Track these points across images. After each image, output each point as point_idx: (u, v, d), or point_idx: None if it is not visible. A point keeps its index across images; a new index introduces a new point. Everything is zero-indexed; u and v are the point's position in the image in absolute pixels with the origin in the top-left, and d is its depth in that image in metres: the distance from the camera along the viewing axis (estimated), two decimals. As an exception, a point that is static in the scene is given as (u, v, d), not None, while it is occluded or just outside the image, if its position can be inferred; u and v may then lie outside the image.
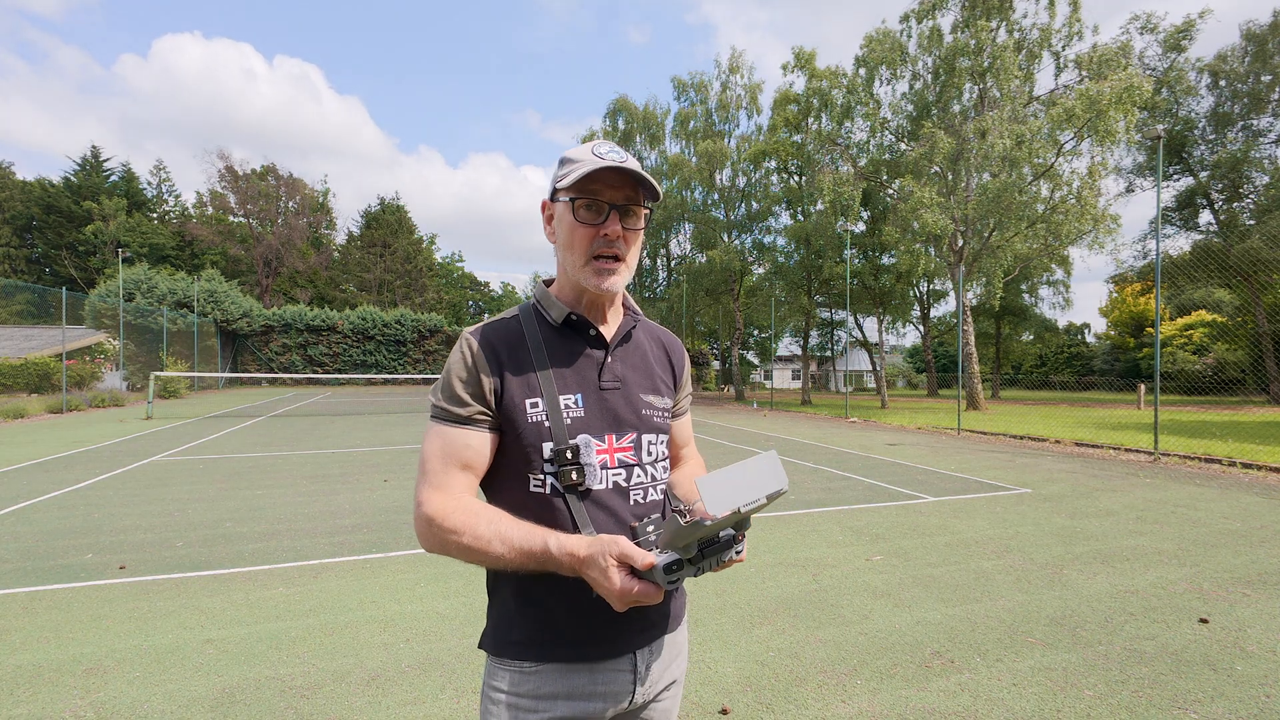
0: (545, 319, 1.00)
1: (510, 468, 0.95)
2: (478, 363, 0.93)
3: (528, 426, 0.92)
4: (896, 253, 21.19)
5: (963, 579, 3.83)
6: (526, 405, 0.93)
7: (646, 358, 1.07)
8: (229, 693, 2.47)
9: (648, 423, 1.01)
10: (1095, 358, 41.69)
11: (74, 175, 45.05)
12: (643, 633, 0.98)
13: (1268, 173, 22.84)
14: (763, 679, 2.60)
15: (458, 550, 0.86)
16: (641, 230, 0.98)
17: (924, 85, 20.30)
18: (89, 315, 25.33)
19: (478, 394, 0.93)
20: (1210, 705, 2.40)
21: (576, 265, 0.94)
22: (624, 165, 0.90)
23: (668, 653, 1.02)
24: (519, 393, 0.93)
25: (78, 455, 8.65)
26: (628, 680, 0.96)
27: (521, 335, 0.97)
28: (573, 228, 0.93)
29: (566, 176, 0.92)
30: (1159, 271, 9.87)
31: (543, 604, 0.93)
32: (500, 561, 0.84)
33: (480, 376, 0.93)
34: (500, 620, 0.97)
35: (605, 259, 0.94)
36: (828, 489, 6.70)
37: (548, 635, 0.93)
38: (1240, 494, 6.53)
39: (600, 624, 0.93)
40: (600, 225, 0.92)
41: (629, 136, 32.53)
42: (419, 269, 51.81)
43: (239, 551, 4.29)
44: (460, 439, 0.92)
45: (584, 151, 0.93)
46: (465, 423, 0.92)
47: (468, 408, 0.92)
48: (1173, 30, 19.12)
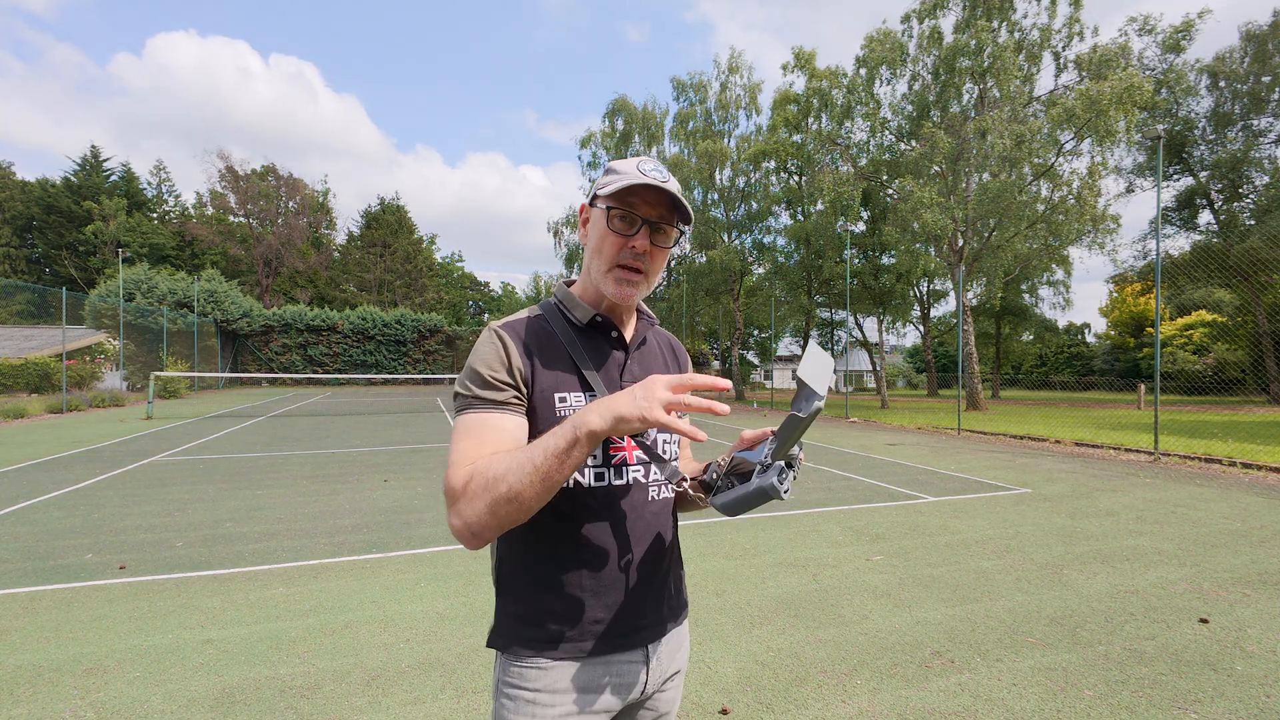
0: (569, 319, 1.02)
1: None
2: (510, 351, 0.94)
3: (557, 420, 0.92)
4: (896, 253, 21.19)
5: (963, 579, 3.83)
6: (556, 399, 0.94)
7: (660, 360, 1.12)
8: (229, 693, 2.47)
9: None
10: (1095, 358, 41.68)
11: (74, 175, 45.05)
12: (655, 626, 1.01)
13: (1268, 173, 22.84)
14: (763, 679, 2.60)
15: (495, 489, 0.80)
16: (669, 250, 1.01)
17: (924, 85, 20.31)
18: (89, 315, 25.34)
19: (510, 380, 0.93)
20: (1210, 705, 2.40)
21: (601, 271, 0.97)
22: (664, 186, 0.92)
23: (674, 643, 1.06)
24: (549, 386, 0.95)
25: (78, 455, 8.65)
26: (640, 672, 0.99)
27: (550, 332, 1.00)
28: (604, 235, 0.96)
29: (608, 185, 0.94)
30: (1159, 271, 9.87)
31: (558, 597, 0.94)
32: (531, 464, 0.79)
33: (513, 364, 0.93)
34: (512, 616, 0.97)
35: (628, 270, 0.96)
36: (828, 489, 6.70)
37: (563, 630, 0.94)
38: (1240, 494, 6.53)
39: (617, 617, 0.96)
40: (631, 237, 0.95)
41: (628, 137, 32.51)
42: (419, 269, 51.84)
43: (239, 551, 4.29)
44: (496, 423, 0.90)
45: (630, 165, 0.96)
46: (500, 406, 0.92)
47: (502, 392, 0.92)
48: (1172, 31, 19.13)
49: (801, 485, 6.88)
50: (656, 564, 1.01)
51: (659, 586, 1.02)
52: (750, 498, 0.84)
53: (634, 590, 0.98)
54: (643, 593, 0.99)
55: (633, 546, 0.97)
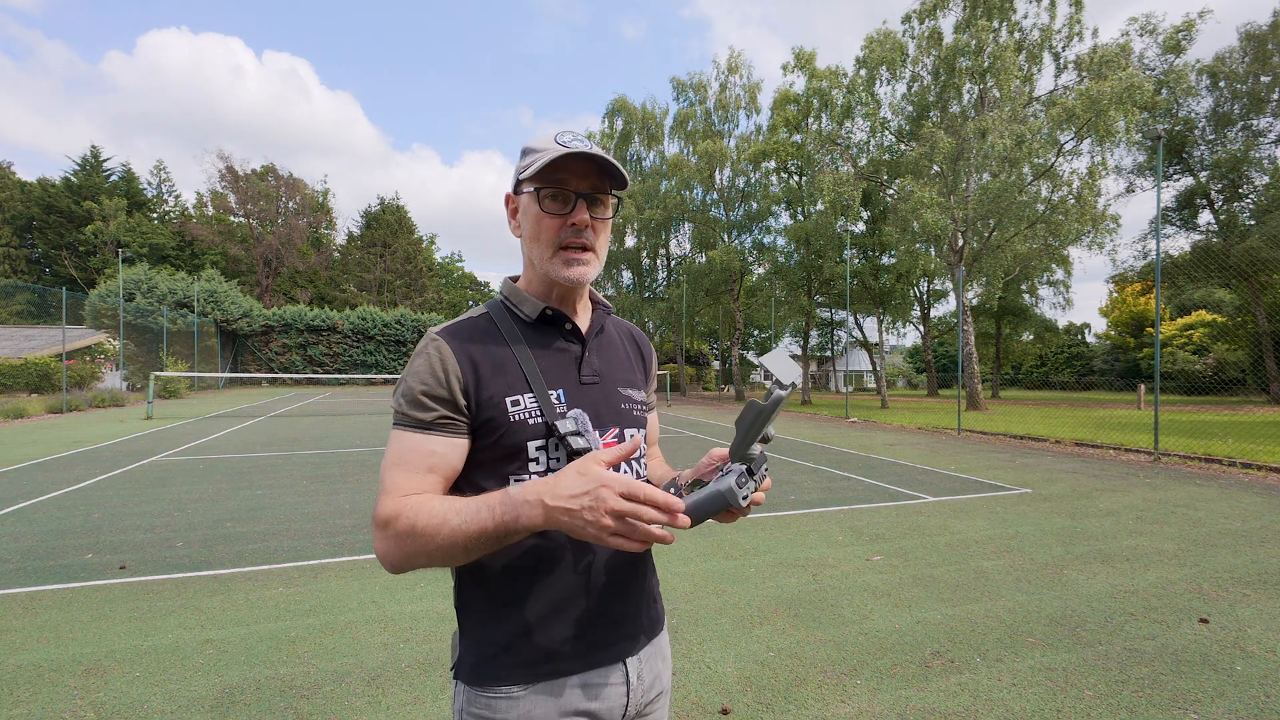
0: (518, 315, 0.96)
1: (487, 470, 0.88)
2: (447, 363, 0.86)
3: (510, 425, 0.87)
4: (896, 253, 21.21)
5: (963, 579, 3.83)
6: (508, 403, 0.87)
7: (621, 351, 1.05)
8: (229, 693, 2.47)
9: (628, 416, 0.98)
10: (1095, 358, 41.67)
11: (74, 175, 45.05)
12: (633, 638, 0.95)
13: (1268, 173, 22.83)
14: (763, 679, 2.60)
15: (415, 542, 0.77)
16: (610, 219, 0.95)
17: (924, 85, 20.31)
18: (89, 315, 25.35)
19: (445, 397, 0.85)
20: (1210, 705, 2.40)
21: (544, 257, 0.91)
22: (590, 151, 0.86)
23: (656, 660, 0.99)
24: (498, 391, 0.87)
25: (78, 455, 8.65)
26: (621, 693, 0.92)
27: (495, 332, 0.93)
28: (539, 218, 0.90)
29: (530, 166, 0.87)
30: (1159, 271, 9.87)
31: (523, 613, 0.87)
32: (456, 536, 0.75)
33: (449, 378, 0.86)
34: (475, 643, 0.89)
35: (574, 249, 0.90)
36: (828, 489, 6.70)
37: (533, 651, 0.87)
38: (1240, 494, 6.53)
39: (591, 631, 0.89)
40: (567, 215, 0.89)
41: (628, 137, 32.54)
42: (419, 269, 51.87)
43: (239, 551, 4.29)
44: (424, 445, 0.85)
45: (547, 140, 0.89)
46: (429, 428, 0.85)
47: (431, 411, 0.85)
48: (1172, 31, 19.14)
49: (801, 485, 6.88)
50: (630, 573, 0.95)
51: (635, 596, 0.96)
52: (703, 502, 0.77)
53: (608, 602, 0.91)
54: (617, 604, 0.93)
55: (604, 556, 0.91)
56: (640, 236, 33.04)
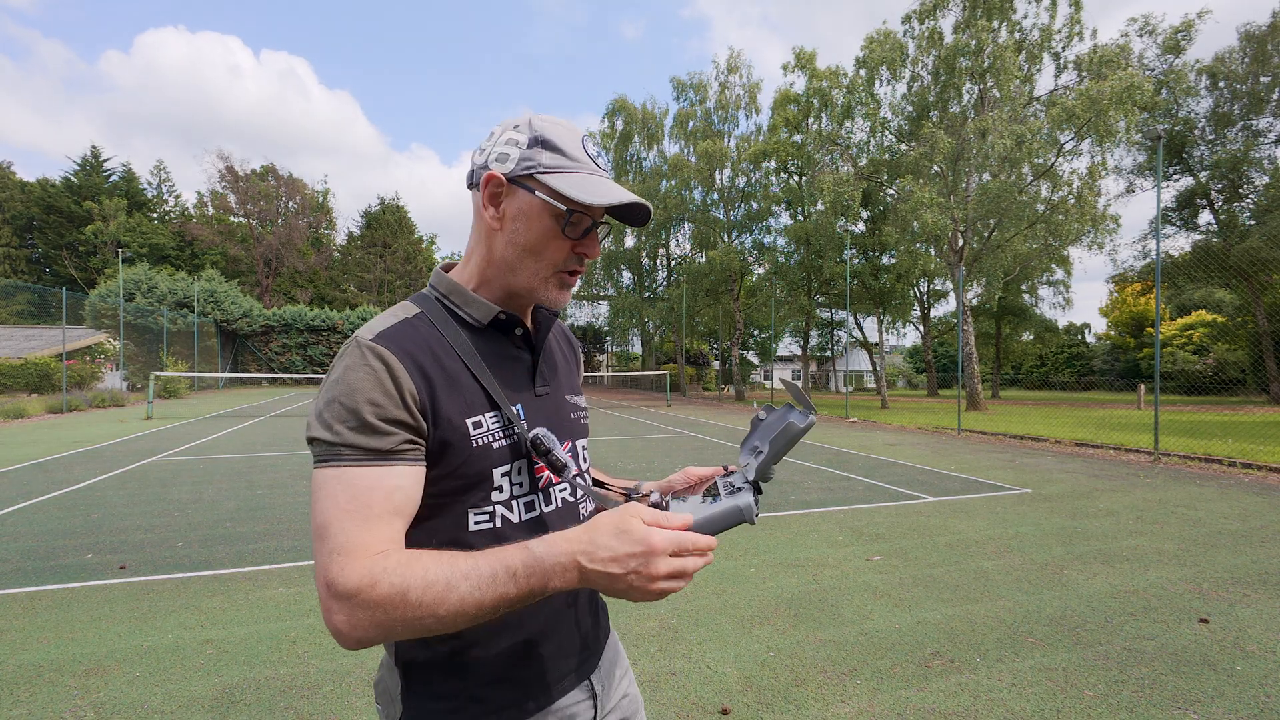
0: (462, 318, 0.82)
1: (442, 506, 0.76)
2: (398, 377, 0.71)
3: (473, 452, 0.75)
4: (896, 253, 21.20)
5: (963, 579, 3.83)
6: (469, 426, 0.75)
7: (560, 355, 0.97)
8: (229, 693, 2.47)
9: (578, 427, 0.92)
10: (1095, 358, 41.71)
11: (74, 175, 45.10)
12: (595, 654, 0.89)
13: (1267, 173, 22.85)
14: (763, 679, 2.60)
15: (405, 612, 0.62)
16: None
17: (924, 86, 20.32)
18: (89, 315, 25.37)
19: (402, 419, 0.70)
20: (1210, 705, 2.40)
21: (539, 274, 0.80)
22: (644, 203, 0.78)
23: (614, 663, 0.94)
24: (456, 412, 0.74)
25: (78, 455, 8.65)
26: (589, 708, 0.86)
27: (442, 341, 0.78)
28: (550, 236, 0.78)
29: (560, 174, 0.76)
30: (1159, 271, 9.87)
31: (491, 653, 0.77)
32: (466, 606, 0.63)
33: (404, 395, 0.70)
34: (435, 696, 0.77)
35: (572, 274, 0.83)
36: (828, 489, 6.70)
37: (499, 689, 0.77)
38: (1240, 494, 6.53)
39: (558, 656, 0.82)
40: (581, 241, 0.81)
41: (628, 137, 32.54)
42: (419, 269, 51.84)
43: (239, 551, 4.29)
44: (385, 480, 0.68)
45: (573, 141, 0.79)
46: (387, 457, 0.69)
47: (391, 436, 0.69)
48: (1171, 31, 19.16)
49: (801, 485, 6.88)
50: (590, 591, 0.89)
51: (594, 609, 0.91)
52: (720, 519, 0.72)
53: (573, 620, 0.85)
54: (582, 620, 0.87)
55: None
56: (640, 236, 33.05)
